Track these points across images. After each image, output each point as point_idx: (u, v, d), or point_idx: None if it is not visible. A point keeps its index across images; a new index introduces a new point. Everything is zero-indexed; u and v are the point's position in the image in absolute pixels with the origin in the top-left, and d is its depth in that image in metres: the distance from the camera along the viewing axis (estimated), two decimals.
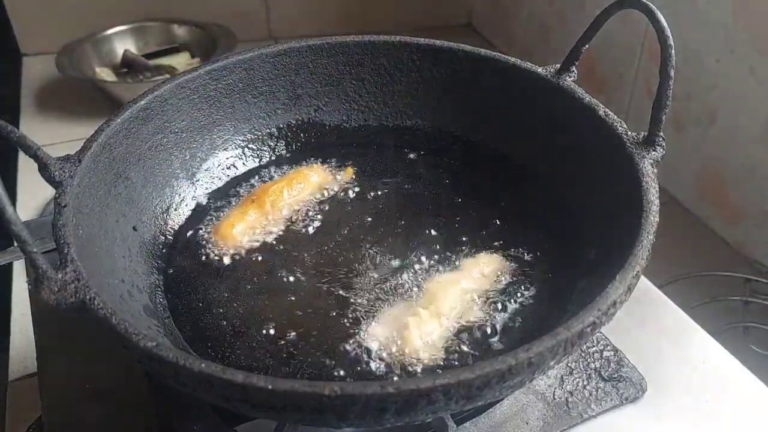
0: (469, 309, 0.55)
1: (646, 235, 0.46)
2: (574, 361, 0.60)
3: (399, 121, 0.73)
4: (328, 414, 0.37)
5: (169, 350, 0.38)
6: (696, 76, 1.11)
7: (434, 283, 0.56)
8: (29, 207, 1.10)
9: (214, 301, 0.57)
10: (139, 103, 0.60)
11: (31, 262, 0.41)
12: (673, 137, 1.01)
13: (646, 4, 0.52)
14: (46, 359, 0.61)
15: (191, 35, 1.47)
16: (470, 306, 0.55)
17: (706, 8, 1.07)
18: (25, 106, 1.39)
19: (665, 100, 0.52)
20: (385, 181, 0.69)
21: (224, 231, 0.62)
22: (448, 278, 0.57)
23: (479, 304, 0.55)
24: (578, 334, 0.40)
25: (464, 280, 0.57)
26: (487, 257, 0.59)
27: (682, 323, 0.66)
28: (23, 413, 0.75)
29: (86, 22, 1.45)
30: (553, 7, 1.47)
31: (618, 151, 0.54)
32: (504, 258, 0.60)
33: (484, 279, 0.57)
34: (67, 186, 0.50)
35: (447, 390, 0.37)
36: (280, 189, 0.66)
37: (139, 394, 0.57)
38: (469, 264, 0.58)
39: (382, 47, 0.70)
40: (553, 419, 0.55)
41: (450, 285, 0.56)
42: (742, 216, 1.09)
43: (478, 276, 0.57)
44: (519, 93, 0.66)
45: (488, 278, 0.57)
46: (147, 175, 0.61)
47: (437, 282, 0.57)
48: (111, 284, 0.50)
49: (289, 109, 0.72)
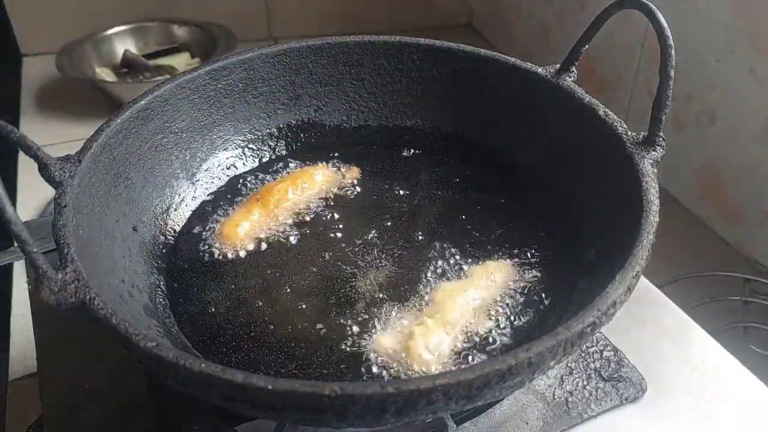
0: (474, 317, 0.54)
1: (646, 235, 0.46)
2: (574, 361, 0.60)
3: (399, 121, 0.73)
4: (328, 414, 0.37)
5: (169, 350, 0.38)
6: (696, 76, 1.11)
7: (440, 292, 0.56)
8: (29, 207, 1.10)
9: (214, 301, 0.57)
10: (139, 103, 0.60)
11: (31, 262, 0.41)
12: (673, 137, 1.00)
13: (646, 4, 0.52)
14: (46, 359, 0.61)
15: (191, 35, 1.47)
16: (475, 314, 0.54)
17: (706, 8, 1.07)
18: (25, 106, 1.39)
19: (665, 100, 0.52)
20: (385, 181, 0.69)
21: (228, 230, 0.62)
22: (455, 286, 0.56)
23: (484, 311, 0.55)
24: (578, 334, 0.40)
25: (471, 288, 0.56)
26: (495, 264, 0.58)
27: (682, 323, 0.66)
28: (23, 413, 0.76)
29: (86, 22, 1.45)
30: (553, 7, 1.47)
31: (618, 151, 0.54)
32: (513, 265, 0.59)
33: (492, 286, 0.57)
34: (67, 186, 0.50)
35: (447, 390, 0.37)
36: (284, 188, 0.66)
37: (139, 394, 0.57)
38: (478, 272, 0.58)
39: (382, 47, 0.70)
40: (553, 419, 0.55)
41: (456, 294, 0.55)
42: (742, 216, 1.09)
43: (486, 284, 0.56)
44: (519, 93, 0.66)
45: (496, 286, 0.57)
46: (147, 175, 0.61)
47: (443, 290, 0.56)
48: (111, 284, 0.50)
49: (289, 109, 0.72)
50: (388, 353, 0.51)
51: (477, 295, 0.55)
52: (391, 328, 0.53)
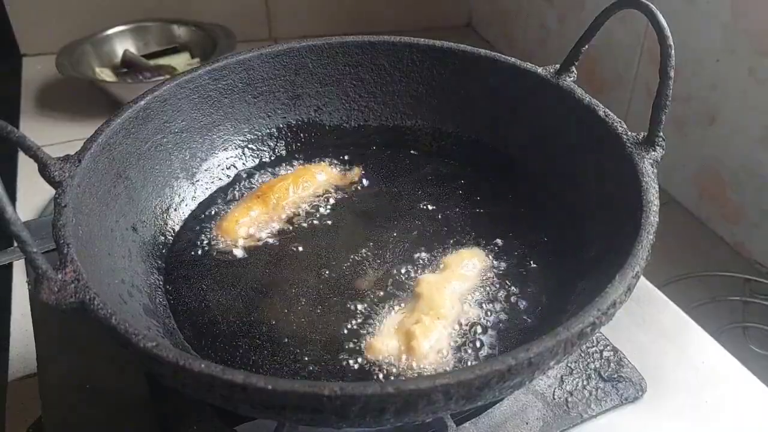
0: (471, 312, 0.54)
1: (646, 235, 0.46)
2: (574, 361, 0.60)
3: (399, 121, 0.73)
4: (328, 414, 0.37)
5: (169, 350, 0.38)
6: (696, 76, 1.11)
7: (433, 287, 0.56)
8: (29, 207, 1.10)
9: (214, 301, 0.57)
10: (139, 103, 0.60)
11: (31, 262, 0.41)
12: (673, 137, 1.00)
13: (646, 4, 0.52)
14: (46, 359, 0.61)
15: (191, 35, 1.47)
16: (472, 309, 0.55)
17: (706, 8, 1.07)
18: (25, 106, 1.39)
19: (665, 100, 0.52)
20: (385, 181, 0.69)
21: (227, 226, 0.62)
22: (445, 279, 0.56)
23: (482, 306, 0.55)
24: (578, 334, 0.40)
25: (458, 280, 0.56)
26: (469, 252, 0.59)
27: (682, 323, 0.66)
28: (23, 413, 0.76)
29: (86, 22, 1.45)
30: (553, 8, 1.46)
31: (618, 151, 0.54)
32: (487, 255, 0.60)
33: (477, 278, 0.57)
34: (67, 186, 0.50)
35: (447, 390, 0.37)
36: (286, 186, 0.66)
37: (139, 394, 0.57)
38: (454, 261, 0.58)
39: (382, 47, 0.70)
40: (553, 419, 0.55)
41: (448, 286, 0.55)
42: (742, 216, 1.09)
43: (468, 274, 0.57)
44: (519, 93, 0.66)
45: (481, 276, 0.57)
46: (147, 175, 0.61)
47: (437, 285, 0.56)
48: (111, 284, 0.50)
49: (289, 109, 0.72)
50: (388, 352, 0.51)
51: (465, 286, 0.56)
52: (391, 327, 0.53)
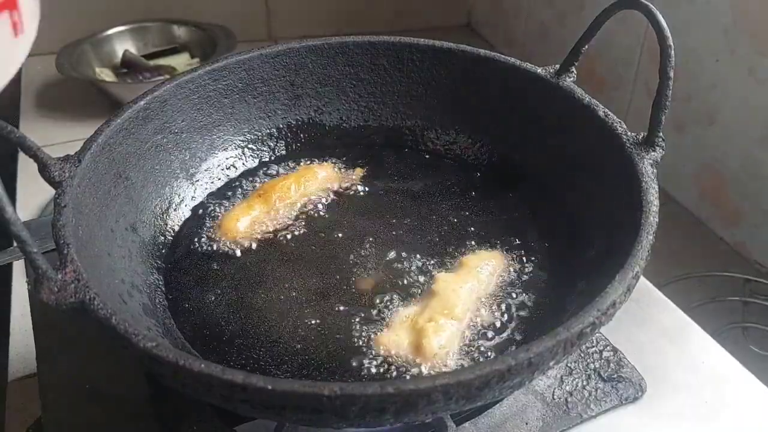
0: (476, 311, 0.54)
1: (646, 235, 0.46)
2: (574, 361, 0.60)
3: (399, 121, 0.73)
4: (328, 414, 0.37)
5: (169, 350, 0.38)
6: (696, 76, 1.11)
7: (441, 285, 0.56)
8: (29, 207, 1.10)
9: (213, 300, 0.57)
10: (139, 104, 0.60)
11: (31, 262, 0.41)
12: (673, 137, 1.00)
13: (645, 4, 0.52)
14: (46, 359, 0.61)
15: (191, 35, 1.47)
16: (477, 308, 0.55)
17: (706, 8, 1.07)
18: (25, 106, 1.39)
19: (665, 100, 0.52)
20: (385, 180, 0.69)
21: (228, 225, 0.62)
22: (453, 279, 0.56)
23: (485, 305, 0.55)
24: (578, 334, 0.40)
25: (469, 280, 0.56)
26: (488, 254, 0.59)
27: (682, 323, 0.66)
28: (23, 413, 0.75)
29: (86, 22, 1.45)
30: (553, 8, 1.46)
31: (618, 152, 0.54)
32: (504, 255, 0.60)
33: (487, 278, 0.57)
34: (67, 186, 0.50)
35: (447, 390, 0.37)
36: (287, 186, 0.66)
37: (139, 394, 0.57)
38: (471, 262, 0.58)
39: (381, 47, 0.70)
40: (553, 419, 0.55)
41: (457, 286, 0.55)
42: (742, 216, 1.09)
43: (480, 275, 0.57)
44: (519, 93, 0.66)
45: (491, 277, 0.57)
46: (147, 175, 0.61)
47: (443, 283, 0.56)
48: (111, 284, 0.50)
49: (289, 110, 0.72)
50: (390, 351, 0.51)
51: (474, 286, 0.55)
52: (393, 326, 0.53)
